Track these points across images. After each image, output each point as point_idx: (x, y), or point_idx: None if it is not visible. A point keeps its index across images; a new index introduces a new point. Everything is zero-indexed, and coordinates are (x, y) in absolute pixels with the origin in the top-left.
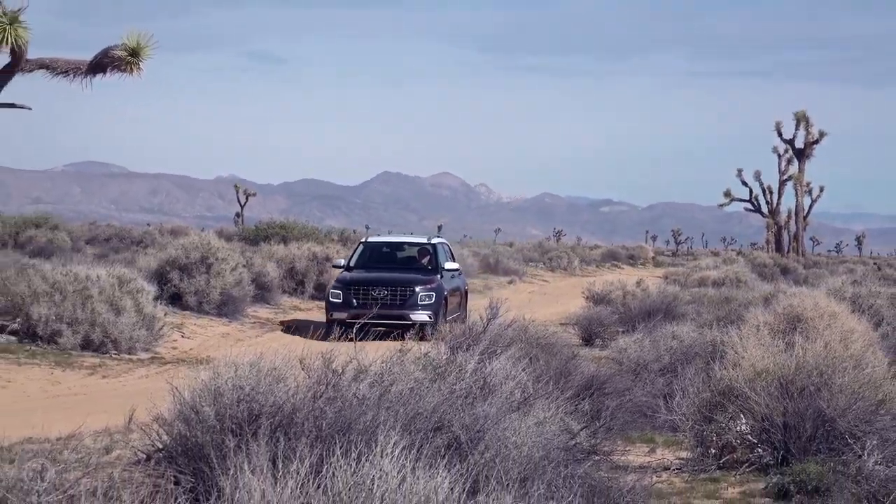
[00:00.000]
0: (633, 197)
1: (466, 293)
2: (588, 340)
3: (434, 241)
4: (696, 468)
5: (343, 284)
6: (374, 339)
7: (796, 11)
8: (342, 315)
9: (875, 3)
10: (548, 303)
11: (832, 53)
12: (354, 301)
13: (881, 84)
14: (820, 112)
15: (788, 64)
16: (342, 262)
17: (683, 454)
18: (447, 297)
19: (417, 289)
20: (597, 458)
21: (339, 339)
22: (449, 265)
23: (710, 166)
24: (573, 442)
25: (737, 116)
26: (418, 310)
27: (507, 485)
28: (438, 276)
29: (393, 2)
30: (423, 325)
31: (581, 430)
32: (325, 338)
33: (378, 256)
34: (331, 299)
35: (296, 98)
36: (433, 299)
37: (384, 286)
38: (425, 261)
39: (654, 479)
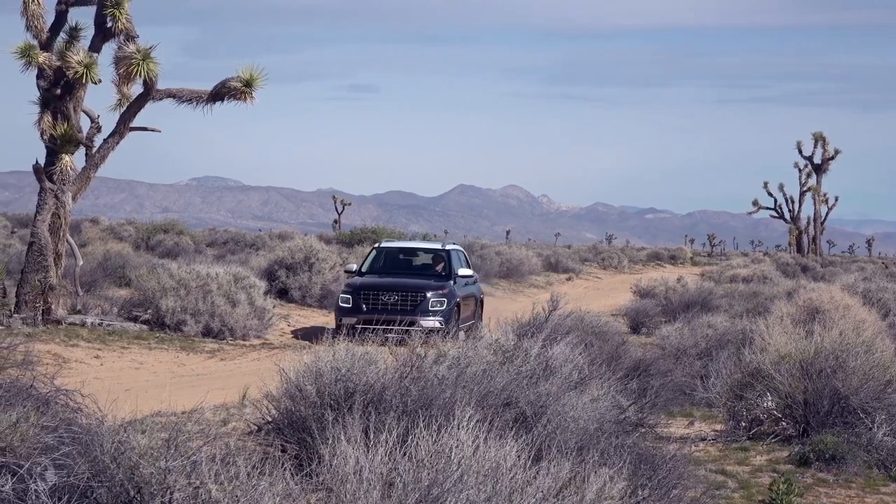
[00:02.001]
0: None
1: (482, 301)
2: (635, 329)
3: (448, 247)
4: (728, 439)
5: (353, 289)
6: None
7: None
8: (351, 320)
9: (876, 41)
10: (600, 296)
11: (844, 83)
12: (364, 306)
13: (888, 107)
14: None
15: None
16: (354, 266)
17: (718, 427)
18: (460, 303)
19: (428, 294)
20: (643, 430)
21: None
22: (462, 271)
23: (740, 179)
24: (623, 416)
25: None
26: (429, 316)
27: (566, 453)
28: (451, 282)
29: (466, 40)
30: (433, 331)
31: (629, 405)
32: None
33: (391, 262)
34: (340, 304)
35: (386, 121)
36: (444, 305)
37: (394, 291)
38: (439, 267)
39: (693, 448)
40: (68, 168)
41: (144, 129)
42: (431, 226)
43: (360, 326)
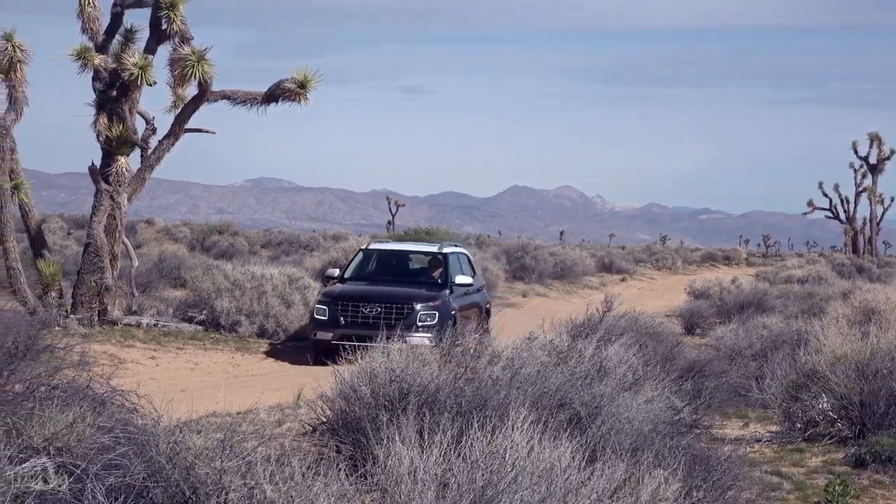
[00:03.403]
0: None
1: (488, 310)
2: (690, 330)
3: (446, 249)
4: (783, 440)
5: (330, 299)
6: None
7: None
8: (327, 335)
9: None
10: (654, 297)
11: None
12: (342, 319)
13: None
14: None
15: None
16: (337, 271)
17: (773, 428)
18: (456, 316)
19: (417, 306)
20: (698, 431)
21: (319, 363)
22: (461, 279)
23: (795, 180)
24: (677, 417)
25: (817, 136)
26: (417, 331)
27: (621, 454)
28: (447, 291)
29: (521, 41)
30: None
31: (684, 407)
32: (312, 362)
33: (379, 267)
34: (315, 316)
35: (439, 122)
36: (436, 319)
37: (377, 302)
38: (436, 273)
39: (748, 449)
40: (124, 169)
41: (199, 130)
42: (485, 226)
43: (336, 343)
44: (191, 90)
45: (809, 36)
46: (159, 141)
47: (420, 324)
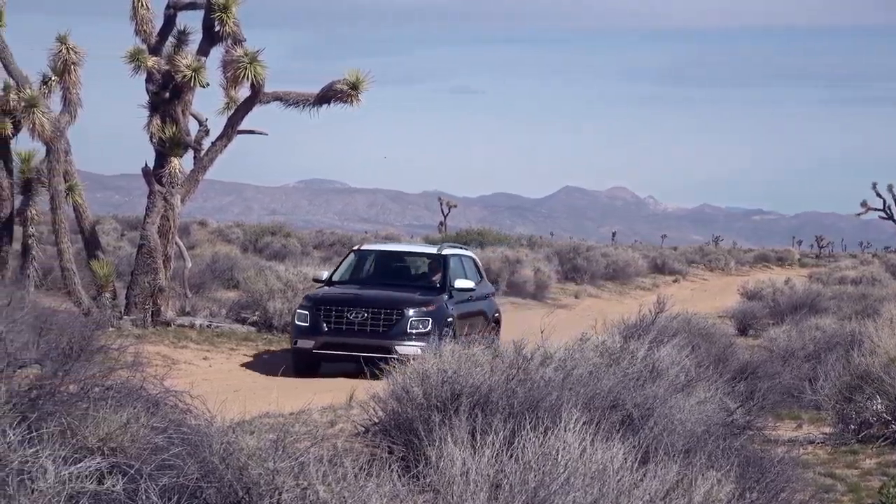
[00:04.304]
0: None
1: (497, 319)
2: (743, 331)
3: (446, 251)
4: (837, 442)
5: (311, 303)
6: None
7: None
8: (308, 343)
9: None
10: (707, 298)
11: None
12: (325, 325)
13: None
14: None
15: None
16: (325, 274)
17: (826, 429)
18: (454, 324)
19: (409, 312)
20: (751, 432)
21: (301, 374)
22: (461, 283)
23: (849, 180)
24: (730, 419)
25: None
26: (408, 340)
27: (673, 455)
28: (445, 296)
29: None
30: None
31: (737, 408)
32: (294, 373)
33: (372, 270)
34: (295, 322)
35: (491, 123)
36: (429, 326)
37: (364, 307)
38: (436, 277)
39: (801, 451)
40: (177, 171)
41: (252, 131)
42: (537, 227)
43: (318, 352)
44: (243, 92)
45: (863, 36)
46: (212, 142)
47: (411, 331)
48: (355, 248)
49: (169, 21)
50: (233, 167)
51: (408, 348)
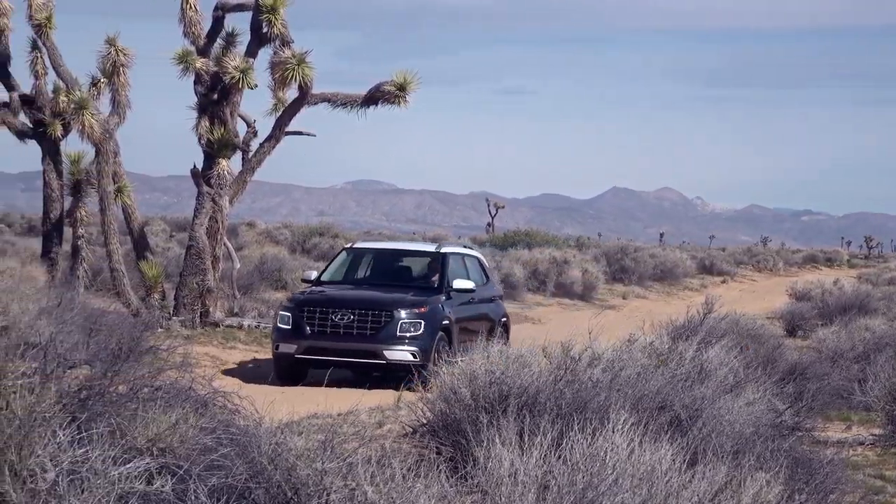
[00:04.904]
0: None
1: (505, 323)
2: (791, 332)
3: (445, 249)
4: (887, 443)
5: (294, 304)
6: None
7: None
8: (290, 348)
9: None
10: (755, 299)
11: None
12: (308, 329)
13: None
14: None
15: None
16: (314, 274)
17: (876, 431)
18: (452, 328)
19: (401, 314)
20: (800, 433)
21: (283, 381)
22: (461, 283)
23: None
24: (779, 420)
25: None
26: (398, 344)
27: (722, 457)
28: (441, 297)
29: (621, 42)
30: (406, 368)
31: (786, 409)
32: (277, 379)
33: (363, 269)
34: (277, 324)
35: (539, 124)
36: (421, 330)
37: (350, 308)
38: (433, 277)
39: (850, 452)
40: (225, 172)
41: (300, 133)
42: (584, 228)
43: (301, 357)
44: (291, 93)
45: None
46: (260, 144)
47: (401, 335)
48: (347, 246)
49: (217, 23)
50: (281, 168)
51: (398, 353)
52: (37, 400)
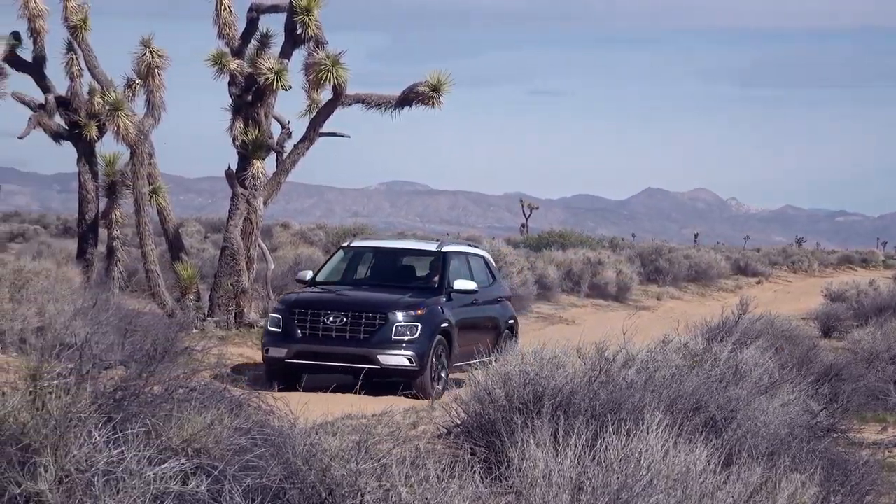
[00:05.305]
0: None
1: (512, 326)
2: (826, 333)
3: (446, 248)
4: None
5: (285, 306)
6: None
7: None
8: (280, 352)
9: None
10: (790, 300)
11: None
12: (298, 332)
13: None
14: None
15: None
16: (309, 274)
17: None
18: (452, 331)
19: (397, 316)
20: (835, 435)
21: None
22: (462, 284)
23: None
24: (814, 421)
25: None
26: (392, 348)
27: (757, 458)
28: (441, 298)
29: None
30: (403, 374)
31: (821, 410)
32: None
33: (360, 268)
34: (267, 327)
35: (572, 125)
36: (418, 333)
37: (342, 310)
38: (433, 277)
39: (886, 453)
40: (259, 173)
41: (334, 134)
42: (618, 229)
43: (291, 362)
44: (325, 94)
45: None
46: (294, 145)
47: (396, 338)
48: (344, 244)
49: (251, 24)
50: (315, 169)
51: (392, 358)
52: (72, 400)
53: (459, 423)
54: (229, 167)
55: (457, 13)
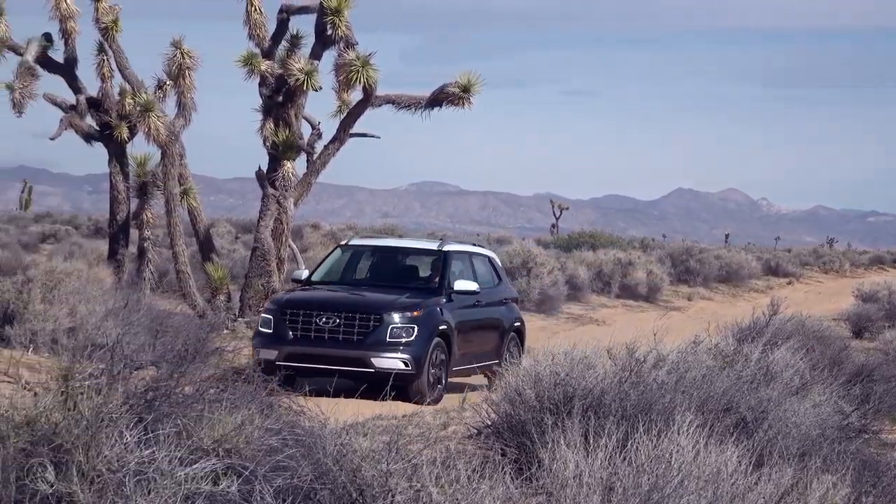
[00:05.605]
0: None
1: (519, 329)
2: (858, 334)
3: (447, 247)
4: None
5: (277, 307)
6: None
7: None
8: (270, 354)
9: None
10: (821, 301)
11: None
12: (290, 333)
13: None
14: None
15: None
16: (304, 273)
17: None
18: (450, 334)
19: (392, 317)
20: (866, 436)
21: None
22: (463, 285)
23: None
24: (845, 422)
25: None
26: (387, 351)
27: (788, 459)
28: (441, 299)
29: (683, 42)
30: (398, 377)
31: (852, 411)
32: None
33: (358, 268)
34: (258, 328)
35: (602, 125)
36: (414, 335)
37: (335, 311)
38: (433, 278)
39: None
40: (290, 174)
41: (364, 135)
42: (649, 229)
43: (283, 365)
44: (355, 95)
45: None
46: (325, 146)
47: (391, 340)
48: (342, 243)
49: (282, 25)
50: (345, 170)
51: (387, 361)
52: (104, 401)
53: (490, 423)
54: (260, 168)
55: (488, 14)
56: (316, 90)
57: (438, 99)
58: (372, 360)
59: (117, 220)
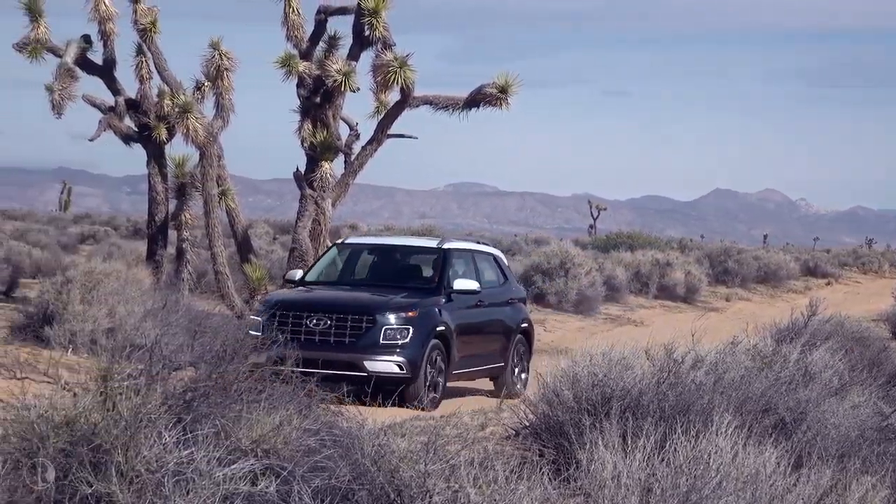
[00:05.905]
0: None
1: (527, 331)
2: None
3: (447, 245)
4: None
5: (267, 308)
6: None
7: None
8: (259, 357)
9: None
10: (860, 301)
11: None
12: (280, 335)
13: None
14: None
15: None
16: (298, 273)
17: None
18: (449, 336)
19: (386, 318)
20: None
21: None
22: (463, 284)
23: None
24: (885, 423)
25: None
26: (381, 354)
27: (827, 460)
28: (439, 299)
29: (721, 41)
30: (392, 381)
31: (892, 412)
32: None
33: (354, 267)
34: (249, 332)
35: (641, 126)
36: (409, 337)
37: (327, 312)
38: (433, 277)
39: None
40: (328, 175)
41: (402, 136)
42: (687, 230)
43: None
44: (393, 96)
45: None
46: (362, 147)
47: (385, 342)
48: (338, 241)
49: (319, 26)
50: (383, 171)
51: (381, 364)
52: (142, 401)
53: (528, 424)
54: (297, 169)
55: (527, 14)
56: (354, 91)
57: (476, 100)
58: (365, 363)
59: (156, 221)
